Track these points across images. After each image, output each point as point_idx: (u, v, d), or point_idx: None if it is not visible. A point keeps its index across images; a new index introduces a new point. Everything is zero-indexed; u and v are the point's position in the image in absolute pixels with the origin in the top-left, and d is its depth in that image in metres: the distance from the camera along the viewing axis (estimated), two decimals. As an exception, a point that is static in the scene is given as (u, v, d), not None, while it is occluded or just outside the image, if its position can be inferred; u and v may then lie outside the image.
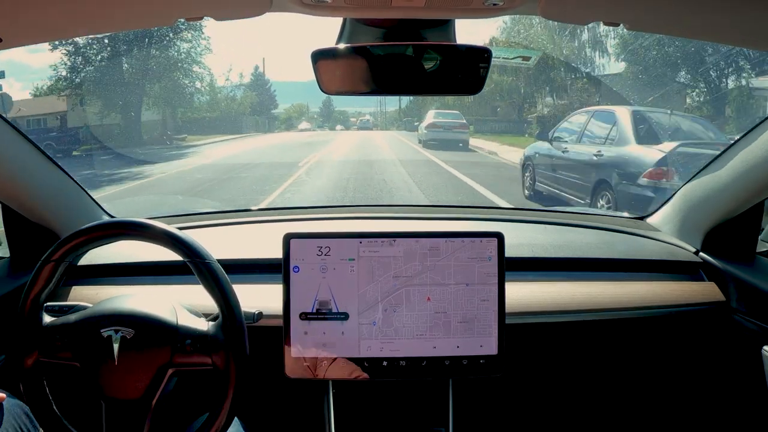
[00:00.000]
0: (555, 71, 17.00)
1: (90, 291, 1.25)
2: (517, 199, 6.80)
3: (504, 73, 17.50)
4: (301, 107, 36.13)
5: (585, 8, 0.80)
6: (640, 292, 1.29)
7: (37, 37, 0.86)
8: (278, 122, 30.80)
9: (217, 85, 23.49)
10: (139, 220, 0.95)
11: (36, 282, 0.92)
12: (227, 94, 24.71)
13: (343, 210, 1.72)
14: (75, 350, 0.91)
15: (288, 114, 33.81)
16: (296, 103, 36.20)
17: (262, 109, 27.92)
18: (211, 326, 0.94)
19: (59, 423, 0.91)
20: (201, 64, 19.23)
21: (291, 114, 33.93)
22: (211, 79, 22.98)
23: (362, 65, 0.91)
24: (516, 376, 1.35)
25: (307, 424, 1.28)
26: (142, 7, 0.79)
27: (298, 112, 34.95)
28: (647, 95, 12.89)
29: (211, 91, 22.83)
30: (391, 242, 1.08)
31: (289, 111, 34.43)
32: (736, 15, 0.77)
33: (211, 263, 0.93)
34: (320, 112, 36.30)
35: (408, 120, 26.54)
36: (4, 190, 1.19)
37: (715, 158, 1.32)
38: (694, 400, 1.43)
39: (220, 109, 23.78)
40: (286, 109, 34.49)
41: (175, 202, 7.37)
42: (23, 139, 1.17)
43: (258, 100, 27.59)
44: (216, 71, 28.83)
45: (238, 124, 24.40)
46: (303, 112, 35.31)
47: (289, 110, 34.50)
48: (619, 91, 13.66)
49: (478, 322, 1.08)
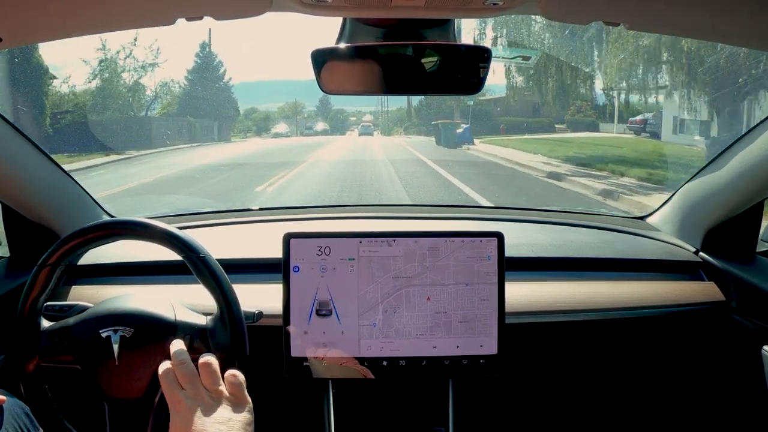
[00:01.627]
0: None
1: (90, 291, 1.25)
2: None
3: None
4: (296, 106, 32.50)
5: (585, 8, 0.80)
6: (640, 291, 1.29)
7: (37, 37, 0.86)
8: (251, 123, 25.33)
9: (113, 65, 14.33)
10: (137, 219, 0.95)
11: (34, 286, 0.91)
12: (129, 80, 14.87)
13: (342, 210, 1.73)
14: (75, 353, 0.91)
15: (283, 112, 30.92)
16: (290, 102, 32.48)
17: (209, 109, 18.81)
18: (210, 320, 0.94)
19: (61, 425, 0.91)
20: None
21: (286, 113, 30.99)
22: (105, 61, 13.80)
23: (362, 65, 0.91)
24: (516, 376, 1.35)
25: (307, 424, 1.28)
26: (142, 7, 0.79)
27: (293, 111, 31.68)
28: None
29: (99, 75, 13.94)
30: (391, 242, 1.08)
31: (283, 110, 31.64)
32: (736, 15, 0.77)
33: (207, 258, 0.93)
34: (317, 111, 32.52)
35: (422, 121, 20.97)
36: (4, 190, 1.19)
37: (715, 158, 1.32)
38: (694, 399, 1.43)
39: (118, 107, 14.47)
40: (280, 108, 31.54)
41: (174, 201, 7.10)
42: (23, 139, 1.17)
43: (203, 95, 18.62)
44: (113, 44, 15.13)
45: (159, 132, 15.31)
46: (298, 111, 31.93)
47: (283, 109, 31.70)
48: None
49: (478, 322, 1.08)
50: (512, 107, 18.36)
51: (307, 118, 31.88)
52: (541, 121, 18.02)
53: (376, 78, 0.92)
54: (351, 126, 31.03)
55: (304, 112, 32.60)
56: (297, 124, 28.97)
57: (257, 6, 0.78)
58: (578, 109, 17.48)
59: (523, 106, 18.44)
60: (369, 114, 31.14)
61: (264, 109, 30.32)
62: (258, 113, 28.58)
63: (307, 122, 30.36)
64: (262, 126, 26.04)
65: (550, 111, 17.93)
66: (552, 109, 17.65)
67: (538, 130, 17.16)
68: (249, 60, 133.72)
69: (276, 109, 31.27)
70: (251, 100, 31.42)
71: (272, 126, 26.55)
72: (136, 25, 0.84)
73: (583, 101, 16.89)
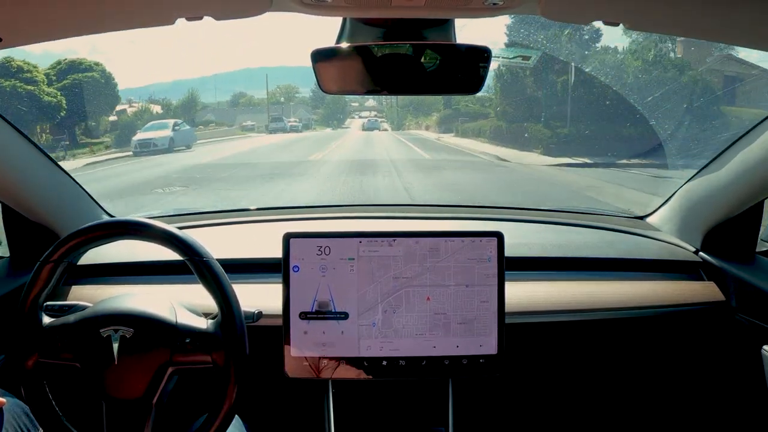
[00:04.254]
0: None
1: (90, 290, 1.25)
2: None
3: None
4: (289, 90, 28.43)
5: (585, 8, 0.80)
6: (640, 291, 1.29)
7: (37, 37, 0.86)
8: (213, 115, 21.37)
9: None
10: (137, 219, 0.95)
11: (35, 283, 0.92)
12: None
13: (342, 209, 1.73)
14: (75, 351, 0.91)
15: (274, 98, 26.71)
16: (283, 85, 28.70)
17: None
18: (211, 324, 0.94)
19: (60, 424, 0.91)
20: None
21: (277, 98, 27.05)
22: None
23: (362, 65, 0.92)
24: (516, 376, 1.35)
25: (307, 424, 1.28)
26: (142, 7, 0.79)
27: (286, 97, 27.82)
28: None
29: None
30: (391, 242, 1.08)
31: (274, 95, 27.65)
32: (736, 15, 0.77)
33: (210, 261, 0.93)
34: (312, 97, 27.18)
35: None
36: (4, 190, 1.19)
37: (715, 158, 1.32)
38: (694, 399, 1.43)
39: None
40: (271, 92, 27.40)
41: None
42: (23, 139, 1.18)
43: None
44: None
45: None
46: (291, 96, 27.83)
47: (274, 94, 27.79)
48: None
49: (478, 322, 1.09)
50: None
51: (298, 103, 26.91)
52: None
53: (376, 78, 0.93)
54: (352, 113, 26.37)
55: (297, 96, 28.11)
56: (273, 115, 21.65)
57: (257, 6, 0.78)
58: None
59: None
60: (372, 99, 23.55)
61: (259, 96, 25.94)
62: (246, 98, 24.76)
63: (274, 113, 22.36)
64: (223, 115, 18.98)
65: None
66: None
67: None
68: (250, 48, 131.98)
69: (264, 96, 26.51)
70: (249, 87, 28.33)
71: (243, 118, 19.45)
72: (136, 25, 0.84)
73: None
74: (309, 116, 25.76)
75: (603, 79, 13.44)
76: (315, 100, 26.54)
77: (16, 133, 1.15)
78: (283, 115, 22.65)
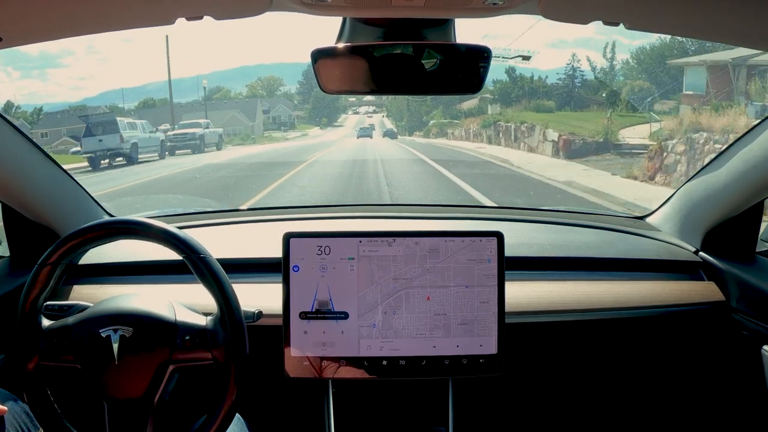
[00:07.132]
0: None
1: (90, 290, 1.25)
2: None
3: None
4: (272, 81, 25.06)
5: (585, 8, 0.80)
6: (640, 291, 1.29)
7: (37, 37, 0.86)
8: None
9: None
10: (135, 219, 0.95)
11: (34, 285, 0.92)
12: None
13: (342, 209, 1.73)
14: (75, 352, 0.91)
15: (253, 91, 23.90)
16: (265, 77, 25.72)
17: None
18: (210, 321, 0.94)
19: (62, 425, 0.91)
20: None
21: (259, 92, 24.03)
22: None
23: (362, 64, 0.92)
24: (516, 376, 1.35)
25: (308, 424, 1.28)
26: (142, 7, 0.79)
27: (267, 90, 24.39)
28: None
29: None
30: (391, 242, 1.08)
31: (254, 88, 24.90)
32: (736, 15, 0.77)
33: (207, 258, 0.93)
34: (299, 90, 23.40)
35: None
36: (4, 190, 1.19)
37: (715, 158, 1.32)
38: (694, 399, 1.43)
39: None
40: (250, 86, 24.98)
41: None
42: (23, 139, 1.17)
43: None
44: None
45: None
46: (273, 90, 24.23)
47: (254, 87, 24.99)
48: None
49: (478, 323, 1.09)
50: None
51: (282, 96, 22.60)
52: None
53: (375, 77, 0.93)
54: (348, 109, 23.06)
55: (280, 90, 24.45)
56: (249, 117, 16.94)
57: (257, 5, 0.78)
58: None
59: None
60: (368, 98, 19.73)
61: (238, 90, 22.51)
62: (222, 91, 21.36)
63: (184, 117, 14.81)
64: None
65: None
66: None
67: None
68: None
69: (246, 87, 22.76)
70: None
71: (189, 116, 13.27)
72: (136, 24, 0.85)
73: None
74: (289, 112, 22.68)
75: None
76: (300, 94, 23.91)
77: (16, 133, 1.15)
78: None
